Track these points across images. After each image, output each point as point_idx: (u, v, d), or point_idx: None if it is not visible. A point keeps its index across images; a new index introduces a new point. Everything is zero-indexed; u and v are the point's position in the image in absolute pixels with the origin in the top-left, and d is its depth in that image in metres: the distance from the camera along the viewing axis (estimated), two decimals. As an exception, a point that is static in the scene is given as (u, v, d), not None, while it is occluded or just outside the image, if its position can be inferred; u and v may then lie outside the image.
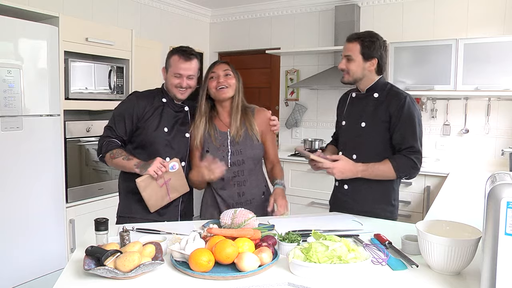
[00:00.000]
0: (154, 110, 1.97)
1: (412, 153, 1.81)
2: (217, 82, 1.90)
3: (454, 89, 3.44)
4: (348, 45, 1.90)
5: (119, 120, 1.95)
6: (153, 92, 2.05)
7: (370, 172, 1.84)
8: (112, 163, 1.91)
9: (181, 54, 1.95)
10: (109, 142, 1.92)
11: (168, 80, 1.98)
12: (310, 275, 1.23)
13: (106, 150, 1.91)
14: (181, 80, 1.94)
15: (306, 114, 4.59)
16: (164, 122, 1.97)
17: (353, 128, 1.95)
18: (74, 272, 1.27)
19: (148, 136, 1.95)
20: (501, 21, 3.57)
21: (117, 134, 1.95)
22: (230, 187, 1.93)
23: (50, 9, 2.91)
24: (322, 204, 3.82)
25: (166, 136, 1.96)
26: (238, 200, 1.93)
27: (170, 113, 2.01)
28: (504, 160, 3.49)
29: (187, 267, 1.26)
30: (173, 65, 1.95)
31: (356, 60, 1.87)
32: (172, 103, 2.02)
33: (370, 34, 1.90)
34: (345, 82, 1.94)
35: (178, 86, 1.95)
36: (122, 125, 1.95)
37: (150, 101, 1.99)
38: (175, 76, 1.94)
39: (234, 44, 5.04)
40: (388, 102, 1.87)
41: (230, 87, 1.90)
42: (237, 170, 1.93)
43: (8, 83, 2.48)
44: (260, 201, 1.98)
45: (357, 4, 4.11)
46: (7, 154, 2.50)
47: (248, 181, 1.95)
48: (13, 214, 2.54)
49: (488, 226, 1.01)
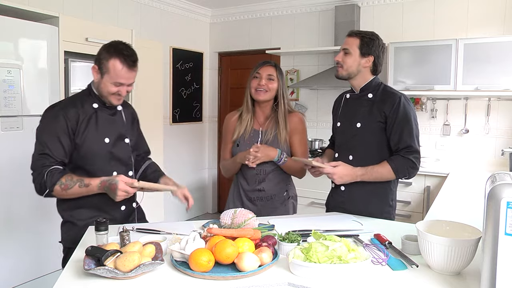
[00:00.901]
0: (88, 120, 1.72)
1: (410, 153, 1.81)
2: (258, 84, 1.97)
3: (454, 89, 3.44)
4: (348, 39, 1.91)
5: (53, 142, 1.64)
6: (77, 99, 1.77)
7: (369, 175, 1.84)
8: (67, 194, 1.64)
9: (124, 61, 1.67)
10: (51, 172, 1.61)
11: (103, 86, 1.71)
12: (310, 275, 1.23)
13: (53, 183, 1.61)
14: (121, 89, 1.71)
15: (306, 114, 4.58)
16: (102, 131, 1.74)
17: (348, 129, 1.95)
18: (74, 272, 1.27)
19: (89, 152, 1.70)
20: (501, 21, 3.57)
21: (56, 158, 1.64)
22: (252, 183, 2.03)
23: (50, 9, 2.92)
24: (322, 204, 3.78)
25: (108, 148, 1.75)
26: (259, 195, 2.04)
27: (105, 118, 1.77)
28: (504, 160, 3.49)
29: (187, 267, 1.26)
30: (113, 73, 1.67)
31: (353, 54, 1.88)
32: (104, 106, 1.78)
33: (372, 33, 1.92)
34: (339, 76, 1.93)
35: (116, 94, 1.73)
36: (58, 147, 1.65)
37: (80, 110, 1.72)
38: (114, 84, 1.70)
39: (234, 44, 5.04)
40: (383, 102, 1.87)
41: (269, 91, 1.98)
42: (261, 169, 2.01)
43: (8, 83, 2.48)
44: (281, 199, 2.08)
45: (357, 4, 4.11)
46: (7, 154, 2.49)
47: (268, 179, 2.03)
48: (13, 214, 2.54)
49: (488, 226, 1.01)
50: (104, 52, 1.71)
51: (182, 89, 4.85)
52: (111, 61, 1.68)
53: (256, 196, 2.05)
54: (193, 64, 4.96)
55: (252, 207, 2.04)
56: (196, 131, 5.14)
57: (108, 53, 1.69)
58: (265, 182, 2.03)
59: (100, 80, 1.72)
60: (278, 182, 2.07)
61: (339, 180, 1.85)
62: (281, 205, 2.09)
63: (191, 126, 5.00)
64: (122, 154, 1.81)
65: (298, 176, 2.13)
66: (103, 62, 1.69)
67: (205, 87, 5.21)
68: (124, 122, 1.86)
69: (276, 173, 2.06)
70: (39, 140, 1.67)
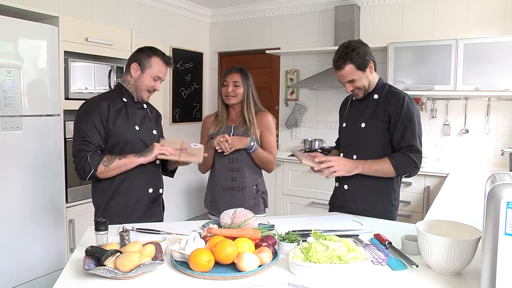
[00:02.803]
0: (119, 110, 1.91)
1: (411, 152, 1.83)
2: (226, 91, 2.20)
3: (454, 89, 3.44)
4: (343, 72, 1.86)
5: (91, 130, 1.83)
6: (109, 94, 1.99)
7: (369, 166, 1.85)
8: (110, 170, 1.82)
9: (164, 58, 1.94)
10: (93, 155, 1.80)
11: (142, 80, 1.93)
12: (310, 275, 1.23)
13: (97, 163, 1.80)
14: (157, 84, 1.96)
15: (306, 114, 4.59)
16: (132, 120, 1.94)
17: (353, 129, 1.97)
18: (74, 272, 1.27)
19: (122, 137, 1.89)
20: (501, 21, 3.57)
21: (95, 144, 1.83)
22: (225, 172, 2.21)
23: (50, 9, 2.91)
24: (322, 204, 3.82)
25: (138, 134, 1.94)
26: (231, 185, 2.20)
27: (134, 111, 1.97)
28: (504, 160, 3.49)
29: (187, 267, 1.26)
30: (155, 68, 1.92)
31: (358, 78, 1.88)
32: (132, 101, 1.97)
33: (347, 46, 1.85)
34: (361, 97, 1.95)
35: (151, 89, 1.96)
36: (96, 134, 1.83)
37: (111, 102, 1.90)
38: (153, 79, 1.93)
39: (234, 44, 5.04)
40: (387, 102, 1.88)
41: (236, 96, 2.20)
42: (233, 158, 2.19)
43: (8, 83, 2.47)
44: (251, 191, 2.22)
45: (357, 4, 4.11)
46: (7, 154, 2.49)
47: (241, 169, 2.20)
48: (13, 214, 2.54)
49: (488, 226, 1.01)
50: (141, 54, 1.94)
51: (182, 89, 4.85)
52: (153, 58, 1.92)
53: (228, 186, 2.20)
54: (193, 64, 4.96)
55: (223, 197, 2.21)
56: (196, 131, 5.10)
57: (148, 54, 1.93)
58: (238, 172, 2.20)
59: (141, 75, 1.93)
60: (249, 175, 2.21)
61: (338, 168, 1.83)
62: (251, 198, 2.22)
63: (191, 126, 4.99)
64: (149, 142, 1.95)
65: (267, 168, 2.28)
66: (145, 59, 1.92)
67: (205, 87, 5.21)
68: (150, 117, 2.05)
69: (248, 166, 2.21)
70: (78, 129, 1.85)
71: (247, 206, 2.14)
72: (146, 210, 1.98)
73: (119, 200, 1.91)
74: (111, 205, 1.91)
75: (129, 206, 1.92)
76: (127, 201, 1.92)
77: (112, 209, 1.91)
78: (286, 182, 4.09)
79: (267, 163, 2.25)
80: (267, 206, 2.33)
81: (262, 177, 2.31)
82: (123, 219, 1.87)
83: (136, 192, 1.94)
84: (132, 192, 1.93)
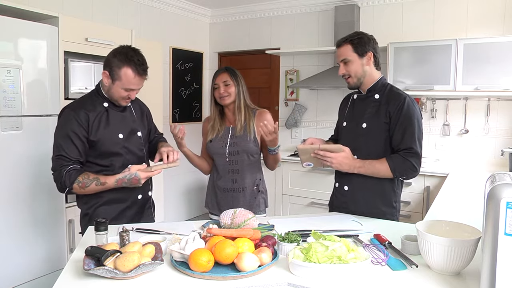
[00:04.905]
0: (99, 118, 1.81)
1: (410, 155, 1.80)
2: (219, 93, 2.15)
3: (454, 89, 3.44)
4: (340, 50, 1.92)
5: (67, 143, 1.74)
6: (87, 99, 1.86)
7: (366, 168, 1.84)
8: (86, 192, 1.75)
9: (136, 69, 1.76)
10: (69, 172, 1.72)
11: (113, 91, 1.80)
12: (310, 275, 1.23)
13: (71, 182, 1.72)
14: (131, 93, 1.82)
15: (306, 114, 4.59)
16: (114, 128, 1.84)
17: (354, 129, 1.95)
18: (73, 272, 1.27)
19: (106, 149, 1.81)
20: (500, 21, 3.57)
21: (72, 158, 1.74)
22: (225, 173, 2.19)
23: (50, 9, 2.92)
24: (322, 204, 3.82)
25: (122, 142, 1.85)
26: (231, 186, 2.19)
27: (116, 115, 1.87)
28: (504, 160, 3.49)
29: (187, 267, 1.26)
30: (125, 80, 1.76)
31: (352, 60, 1.88)
32: (114, 105, 1.87)
33: (356, 32, 1.95)
34: (351, 86, 1.95)
35: (125, 98, 1.83)
36: (72, 147, 1.74)
37: (91, 111, 1.80)
38: (125, 90, 1.79)
39: (234, 44, 5.04)
40: (388, 102, 1.87)
41: (229, 95, 2.16)
42: (232, 160, 2.17)
43: (8, 83, 2.47)
44: (252, 192, 2.20)
45: (357, 4, 4.11)
46: (7, 154, 2.49)
47: (241, 171, 2.18)
48: (12, 214, 2.53)
49: (488, 226, 1.01)
50: (114, 59, 1.77)
51: (182, 89, 4.85)
52: (123, 70, 1.75)
53: (229, 188, 2.19)
54: (193, 64, 4.96)
55: (224, 198, 2.19)
56: (196, 131, 5.11)
57: (120, 61, 1.75)
58: (238, 174, 2.18)
59: (111, 85, 1.79)
60: (250, 176, 2.20)
61: (337, 165, 1.82)
62: (252, 198, 2.20)
63: (191, 126, 4.98)
64: (135, 148, 1.91)
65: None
66: (115, 70, 1.76)
67: (205, 87, 5.21)
68: (134, 117, 1.96)
69: (248, 167, 2.19)
70: (55, 143, 1.77)
71: (248, 206, 2.14)
72: (136, 215, 1.95)
73: (107, 209, 1.85)
74: (98, 212, 1.83)
75: (119, 214, 1.88)
76: (114, 209, 1.86)
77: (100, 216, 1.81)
78: (286, 182, 4.09)
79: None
80: (268, 206, 2.33)
81: (262, 176, 2.30)
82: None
83: (124, 201, 1.89)
84: (121, 200, 1.88)
